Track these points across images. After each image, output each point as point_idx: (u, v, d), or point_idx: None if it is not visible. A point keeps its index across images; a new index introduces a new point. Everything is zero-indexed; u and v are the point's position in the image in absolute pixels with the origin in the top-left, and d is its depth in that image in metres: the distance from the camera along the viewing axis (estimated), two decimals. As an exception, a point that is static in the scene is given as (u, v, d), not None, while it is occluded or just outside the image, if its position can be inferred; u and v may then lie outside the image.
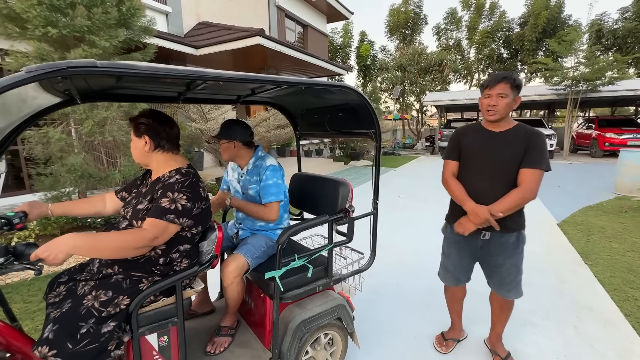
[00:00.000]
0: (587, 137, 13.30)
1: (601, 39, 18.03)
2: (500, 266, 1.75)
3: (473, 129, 1.80)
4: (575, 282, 2.91)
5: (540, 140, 1.61)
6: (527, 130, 1.65)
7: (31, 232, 3.65)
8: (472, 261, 1.88)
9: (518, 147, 1.62)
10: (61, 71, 0.87)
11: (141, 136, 1.35)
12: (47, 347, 1.05)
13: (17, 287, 2.85)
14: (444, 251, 1.97)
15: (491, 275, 1.82)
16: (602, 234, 4.07)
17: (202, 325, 1.88)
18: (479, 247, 1.78)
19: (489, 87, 1.62)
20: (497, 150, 1.66)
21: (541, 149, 1.59)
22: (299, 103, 2.15)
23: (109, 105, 3.82)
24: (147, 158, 1.38)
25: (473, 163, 1.73)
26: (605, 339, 2.13)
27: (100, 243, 1.11)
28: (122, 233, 1.18)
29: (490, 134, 1.71)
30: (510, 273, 1.74)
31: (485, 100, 1.65)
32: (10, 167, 5.48)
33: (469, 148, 1.76)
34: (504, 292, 1.79)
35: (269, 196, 1.77)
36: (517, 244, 1.72)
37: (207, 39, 7.75)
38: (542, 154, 1.59)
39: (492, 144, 1.69)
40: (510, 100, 1.61)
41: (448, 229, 1.92)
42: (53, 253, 1.02)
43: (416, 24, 22.87)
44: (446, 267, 1.95)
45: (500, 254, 1.73)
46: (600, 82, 11.22)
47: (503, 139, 1.67)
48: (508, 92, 1.59)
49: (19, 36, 3.43)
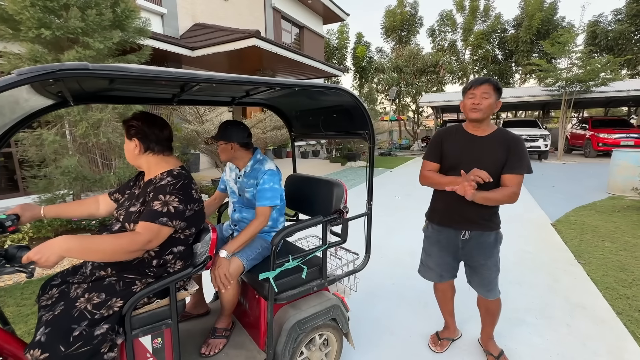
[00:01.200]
0: (581, 138, 13.45)
1: (595, 40, 18.23)
2: (482, 266, 1.80)
3: (455, 131, 1.82)
4: (569, 280, 2.94)
5: (520, 146, 1.66)
6: (507, 136, 1.69)
7: (25, 235, 3.62)
8: (455, 260, 1.91)
9: (500, 153, 1.66)
10: (53, 74, 0.87)
11: (131, 139, 1.36)
12: (40, 350, 1.05)
13: (10, 291, 2.82)
14: (425, 249, 2.00)
15: (473, 276, 1.87)
16: (595, 233, 4.11)
17: (197, 327, 1.88)
18: (460, 247, 1.82)
19: (473, 87, 1.67)
20: (479, 156, 1.68)
21: (521, 154, 1.64)
22: (294, 105, 2.16)
23: (104, 107, 3.81)
24: (138, 160, 1.39)
25: (455, 167, 1.72)
26: (598, 337, 2.16)
27: (93, 246, 1.11)
28: (116, 236, 1.17)
29: (473, 138, 1.74)
30: (492, 272, 1.80)
31: (469, 100, 1.68)
32: (4, 170, 5.44)
33: (451, 152, 1.77)
34: (484, 292, 1.84)
35: (263, 200, 1.76)
36: (495, 243, 1.78)
37: (202, 40, 7.74)
38: (523, 159, 1.64)
39: (475, 148, 1.71)
40: (493, 102, 1.65)
41: (429, 227, 1.95)
42: (45, 255, 1.01)
43: (412, 26, 22.99)
44: (427, 265, 1.99)
45: (480, 254, 1.78)
46: (594, 83, 11.35)
47: (485, 144, 1.70)
48: (491, 93, 1.63)
49: (12, 38, 3.42)
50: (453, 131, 1.83)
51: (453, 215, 1.79)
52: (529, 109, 20.90)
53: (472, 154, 1.70)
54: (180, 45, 7.28)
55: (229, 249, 1.62)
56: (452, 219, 1.80)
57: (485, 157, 1.67)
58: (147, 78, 1.00)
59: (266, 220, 1.76)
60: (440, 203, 1.86)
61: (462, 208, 1.73)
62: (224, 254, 1.60)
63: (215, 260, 1.59)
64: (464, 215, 1.76)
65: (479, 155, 1.68)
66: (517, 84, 21.90)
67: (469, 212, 1.73)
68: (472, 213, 1.73)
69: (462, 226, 1.77)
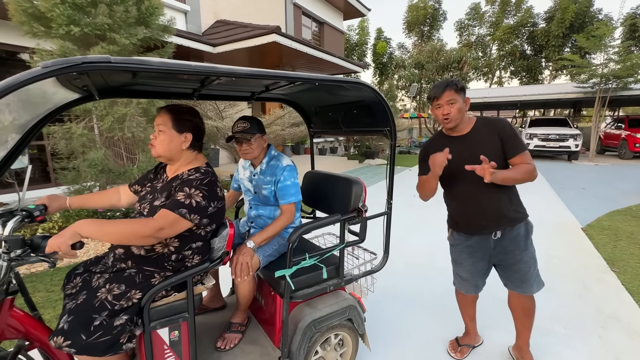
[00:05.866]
0: (615, 138, 12.65)
1: (635, 33, 17.05)
2: (519, 262, 1.71)
3: (437, 139, 1.80)
4: (601, 289, 2.76)
5: (507, 126, 1.64)
6: (490, 123, 1.67)
7: (55, 224, 3.79)
8: (487, 264, 1.80)
9: (492, 141, 1.63)
10: (76, 67, 0.87)
11: (182, 132, 1.36)
12: (62, 337, 1.08)
13: (40, 277, 2.97)
14: (454, 259, 1.90)
15: (511, 275, 1.75)
16: (631, 240, 3.85)
17: (214, 321, 1.89)
18: (492, 248, 1.73)
19: (435, 98, 1.65)
20: (472, 152, 1.60)
21: (514, 134, 1.62)
22: (313, 100, 2.12)
23: (128, 102, 3.92)
24: (178, 154, 1.38)
25: (453, 172, 1.66)
26: (633, 352, 2.01)
27: (106, 227, 1.12)
28: (130, 220, 1.19)
29: (457, 140, 1.70)
30: (529, 266, 1.71)
31: (437, 111, 1.67)
32: (38, 162, 5.73)
33: None
34: (528, 287, 1.73)
35: (288, 197, 1.75)
36: (527, 234, 1.71)
37: (224, 37, 7.83)
38: (517, 138, 1.62)
39: (464, 148, 1.65)
40: (461, 105, 1.63)
41: (454, 235, 1.86)
42: (61, 239, 1.04)
43: (435, 20, 22.39)
44: (461, 276, 1.88)
45: (515, 248, 1.69)
46: (633, 79, 10.62)
47: (472, 139, 1.67)
48: (455, 97, 1.61)
49: (44, 35, 3.56)
50: (435, 140, 1.82)
51: (477, 221, 1.70)
52: (558, 107, 19.88)
53: (463, 154, 1.63)
54: (202, 42, 7.39)
55: (256, 240, 1.65)
56: (477, 225, 1.71)
57: (478, 150, 1.59)
58: (166, 71, 0.99)
59: (292, 216, 1.77)
60: (458, 211, 1.79)
61: (483, 211, 1.67)
62: (251, 244, 1.62)
63: (241, 248, 1.62)
64: (487, 217, 1.67)
65: (472, 151, 1.60)
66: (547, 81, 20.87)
67: (491, 212, 1.66)
68: (495, 211, 1.65)
69: (491, 228, 1.68)
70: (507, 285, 1.81)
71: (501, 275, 1.81)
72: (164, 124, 1.36)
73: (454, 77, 20.88)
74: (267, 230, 1.69)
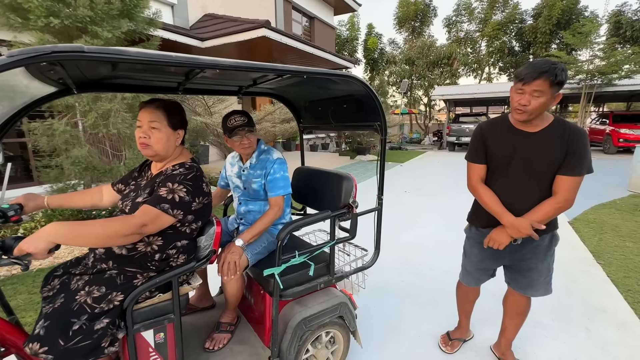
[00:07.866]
0: (600, 133, 12.93)
1: (619, 31, 17.42)
2: (532, 270, 1.62)
3: (500, 127, 1.55)
4: (587, 282, 2.81)
5: (582, 142, 1.39)
6: (567, 129, 1.41)
7: (37, 224, 3.67)
8: (495, 263, 1.74)
9: (558, 150, 1.41)
10: (45, 56, 0.81)
11: (177, 129, 1.34)
12: (38, 343, 1.02)
13: (22, 278, 2.87)
14: (466, 251, 1.84)
15: (519, 278, 1.68)
16: (615, 233, 3.94)
17: (202, 321, 1.85)
18: (507, 251, 1.62)
19: (523, 81, 1.35)
20: (534, 155, 1.45)
21: (583, 152, 1.39)
22: (302, 94, 2.08)
23: (113, 97, 3.80)
24: (172, 150, 1.35)
25: (504, 168, 1.53)
26: (619, 342, 2.05)
27: (84, 231, 1.04)
28: (109, 220, 1.10)
29: (524, 135, 1.47)
30: (542, 275, 1.62)
31: (516, 96, 1.39)
32: (20, 159, 5.53)
33: (499, 151, 1.54)
34: (531, 291, 1.67)
35: (277, 189, 1.73)
36: (550, 246, 1.59)
37: (212, 31, 7.67)
38: (583, 158, 1.39)
39: (528, 147, 1.46)
40: (547, 100, 1.34)
41: (472, 229, 1.77)
42: (34, 243, 0.96)
43: (426, 16, 22.42)
44: (466, 269, 1.86)
45: (532, 257, 1.59)
46: (617, 75, 10.86)
47: (540, 140, 1.44)
48: (546, 89, 1.31)
49: (22, 27, 3.41)
50: (498, 125, 1.56)
51: None
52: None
53: (521, 153, 1.47)
54: (190, 36, 7.23)
55: (245, 238, 1.61)
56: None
57: (536, 156, 1.43)
58: (145, 62, 0.94)
59: (281, 209, 1.74)
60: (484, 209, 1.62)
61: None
62: (239, 242, 1.59)
63: (229, 247, 1.58)
64: None
65: (529, 155, 1.45)
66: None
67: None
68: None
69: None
70: (509, 284, 1.76)
71: (508, 274, 1.75)
72: (159, 121, 1.28)
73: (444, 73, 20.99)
74: (255, 227, 1.66)
